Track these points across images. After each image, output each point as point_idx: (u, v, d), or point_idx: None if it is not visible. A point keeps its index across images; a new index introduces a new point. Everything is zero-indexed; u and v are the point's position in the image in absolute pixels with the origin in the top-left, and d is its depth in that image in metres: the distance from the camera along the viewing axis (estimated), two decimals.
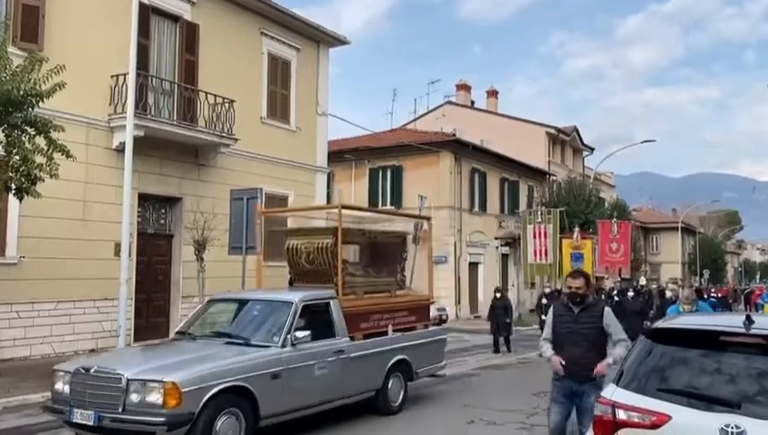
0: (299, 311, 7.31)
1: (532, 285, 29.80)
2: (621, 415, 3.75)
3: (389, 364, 8.42)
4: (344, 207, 8.93)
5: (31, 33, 12.15)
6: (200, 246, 13.11)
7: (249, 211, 12.84)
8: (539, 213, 22.55)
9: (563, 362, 5.56)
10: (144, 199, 14.30)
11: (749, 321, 3.79)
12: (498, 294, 16.68)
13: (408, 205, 25.81)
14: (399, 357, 8.59)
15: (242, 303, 8.06)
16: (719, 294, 31.57)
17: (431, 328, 9.78)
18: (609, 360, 5.44)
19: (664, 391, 3.71)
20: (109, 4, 13.35)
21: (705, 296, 27.98)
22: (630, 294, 17.22)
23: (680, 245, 55.11)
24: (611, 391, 3.93)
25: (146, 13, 13.81)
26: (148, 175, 14.08)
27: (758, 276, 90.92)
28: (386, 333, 8.63)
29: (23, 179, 8.75)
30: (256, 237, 10.63)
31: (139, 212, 14.09)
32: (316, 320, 7.63)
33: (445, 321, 23.56)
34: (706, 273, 49.36)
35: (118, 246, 11.78)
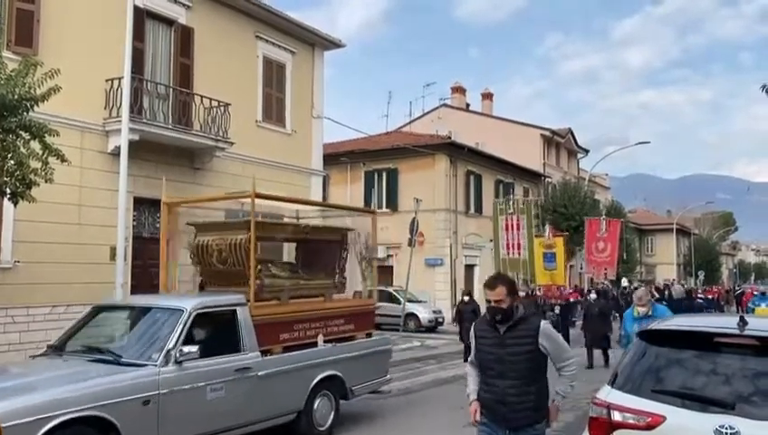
0: (190, 321, 6.14)
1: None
2: (616, 416, 3.77)
3: (315, 382, 7.30)
4: (259, 196, 7.57)
5: (25, 37, 12.13)
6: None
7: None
8: (511, 203, 20.77)
9: (481, 412, 4.17)
10: (139, 203, 14.27)
11: (743, 322, 3.82)
12: (466, 298, 15.41)
13: (404, 207, 25.84)
14: (329, 373, 7.49)
15: (128, 311, 6.93)
16: (708, 296, 31.49)
17: (375, 337, 8.70)
18: (557, 398, 4.17)
19: (658, 392, 3.73)
20: (104, 8, 13.34)
21: (694, 297, 27.85)
22: (593, 296, 16.26)
23: (675, 246, 55.30)
24: (606, 393, 3.95)
25: (140, 17, 13.81)
26: (144, 179, 14.05)
27: (753, 277, 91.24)
28: (315, 344, 7.58)
29: (17, 184, 8.72)
30: (163, 232, 8.98)
31: (134, 216, 14.06)
32: (217, 331, 6.58)
33: (441, 323, 23.47)
34: (701, 274, 49.55)
35: (113, 250, 11.76)
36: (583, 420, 4.39)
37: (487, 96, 41.58)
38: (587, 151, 42.99)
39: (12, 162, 8.58)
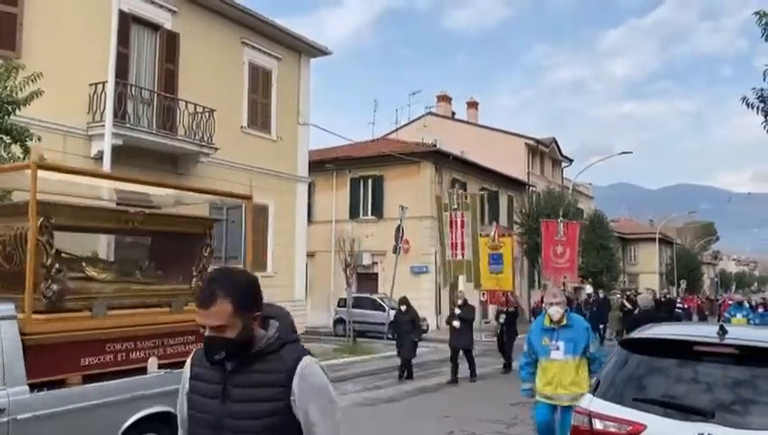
0: None
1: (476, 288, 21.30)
2: (598, 425, 3.78)
3: (129, 423, 5.28)
4: (43, 167, 5.36)
5: (8, 40, 12.03)
6: None
7: (229, 212, 12.80)
8: (455, 198, 17.86)
9: None
10: None
11: (722, 331, 3.86)
12: (403, 307, 13.19)
13: (389, 215, 25.85)
14: (156, 409, 5.44)
15: None
16: (686, 305, 31.48)
17: None
18: None
19: (640, 400, 3.75)
20: (88, 12, 13.26)
21: (672, 306, 27.55)
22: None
23: (658, 255, 55.85)
24: (588, 401, 3.96)
25: (126, 21, 13.74)
26: None
27: (734, 287, 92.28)
28: (145, 370, 5.67)
29: None
30: None
31: None
32: None
33: (425, 331, 23.21)
34: (683, 283, 50.03)
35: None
36: None
37: (473, 105, 41.81)
38: (571, 161, 43.31)
39: None
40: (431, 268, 26.38)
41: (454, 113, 41.26)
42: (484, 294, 17.28)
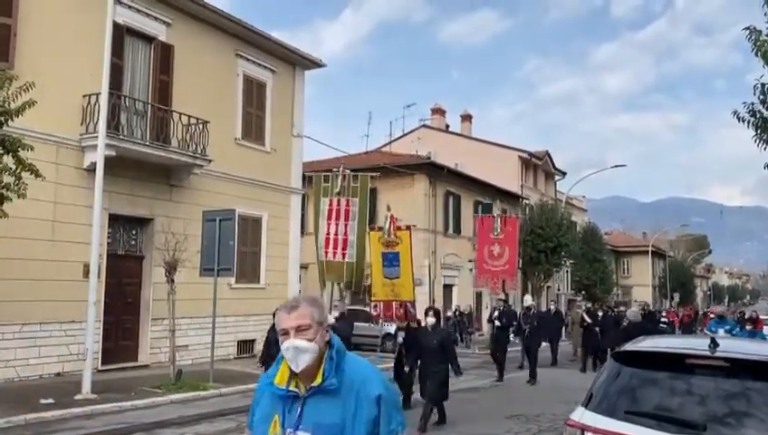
0: None
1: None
2: None
3: None
4: None
5: (1, 50, 12.01)
6: (171, 268, 12.94)
7: (222, 232, 12.78)
8: (339, 179, 13.26)
9: None
10: (114, 220, 14.12)
11: (714, 344, 3.86)
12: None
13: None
14: None
15: None
16: (669, 319, 31.29)
17: None
18: None
19: (632, 413, 3.74)
20: (83, 23, 13.27)
21: (657, 319, 27.05)
22: (431, 320, 10.45)
23: (651, 268, 56.03)
24: (580, 414, 3.95)
25: (120, 33, 13.75)
26: (119, 195, 13.91)
27: (726, 299, 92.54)
28: None
29: None
30: None
31: (109, 233, 13.89)
32: None
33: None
34: (677, 296, 50.16)
35: (86, 267, 11.58)
36: None
37: (467, 118, 41.99)
38: (564, 174, 43.50)
39: None
40: (425, 281, 26.33)
41: (448, 126, 41.42)
42: (375, 306, 13.62)
